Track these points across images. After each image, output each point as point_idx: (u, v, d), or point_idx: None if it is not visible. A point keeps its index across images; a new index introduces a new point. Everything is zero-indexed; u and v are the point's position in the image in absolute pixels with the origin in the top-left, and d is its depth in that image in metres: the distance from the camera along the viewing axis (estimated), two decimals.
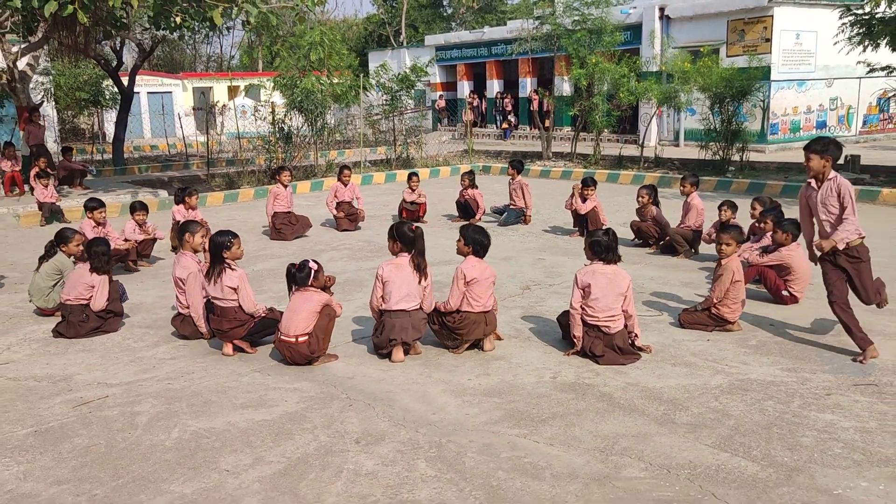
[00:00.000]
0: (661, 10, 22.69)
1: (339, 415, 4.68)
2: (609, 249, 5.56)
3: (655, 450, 4.12)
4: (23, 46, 14.61)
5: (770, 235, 7.22)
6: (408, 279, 5.66)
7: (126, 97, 20.65)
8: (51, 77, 22.75)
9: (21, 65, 14.88)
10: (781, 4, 20.31)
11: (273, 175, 12.56)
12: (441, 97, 32.20)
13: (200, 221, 7.90)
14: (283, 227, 10.59)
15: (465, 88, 31.62)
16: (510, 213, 11.25)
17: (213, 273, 5.79)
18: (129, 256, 8.72)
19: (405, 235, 5.75)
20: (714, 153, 16.23)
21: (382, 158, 19.82)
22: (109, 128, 25.88)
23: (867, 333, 5.42)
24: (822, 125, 22.14)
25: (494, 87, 30.56)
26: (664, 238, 9.09)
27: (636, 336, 5.61)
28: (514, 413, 4.65)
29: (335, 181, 11.54)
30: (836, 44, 14.71)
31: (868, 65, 14.23)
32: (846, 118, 22.65)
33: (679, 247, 8.84)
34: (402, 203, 11.71)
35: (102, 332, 6.43)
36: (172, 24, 12.43)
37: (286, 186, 10.78)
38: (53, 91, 22.92)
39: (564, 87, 25.08)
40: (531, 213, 11.35)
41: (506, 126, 28.49)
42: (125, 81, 20.77)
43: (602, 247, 5.56)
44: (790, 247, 6.84)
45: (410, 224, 5.93)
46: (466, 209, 11.51)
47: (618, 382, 5.09)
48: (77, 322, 6.35)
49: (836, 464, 3.94)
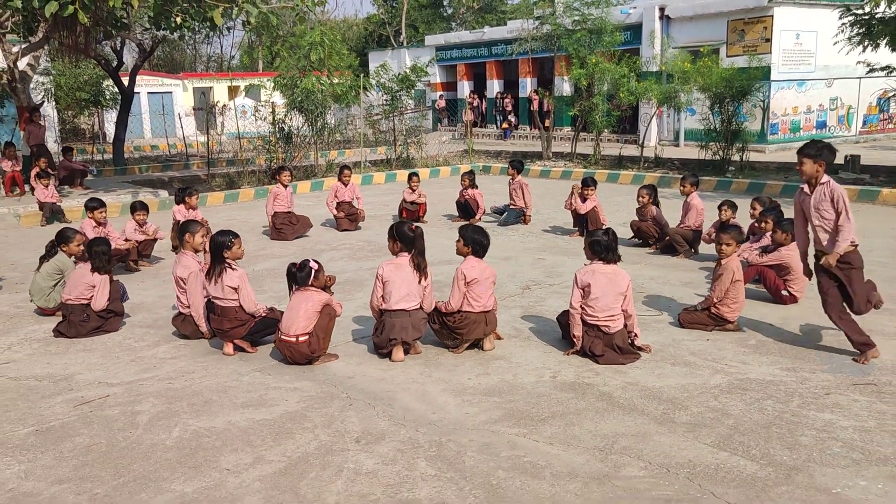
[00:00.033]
0: (661, 10, 22.71)
1: (340, 414, 4.69)
2: (609, 249, 5.57)
3: (655, 449, 4.14)
4: (23, 46, 14.63)
5: (770, 235, 7.24)
6: (408, 279, 5.67)
7: (126, 97, 20.67)
8: (51, 77, 22.77)
9: (21, 65, 14.90)
10: (781, 4, 20.32)
11: (273, 175, 12.57)
12: (441, 97, 32.21)
13: (201, 221, 7.92)
14: (284, 227, 10.60)
15: (466, 88, 31.64)
16: (510, 213, 11.26)
17: (214, 273, 5.81)
18: (130, 256, 8.75)
19: (405, 235, 5.76)
20: (714, 153, 16.24)
21: (383, 158, 19.83)
22: (110, 128, 25.90)
23: (868, 335, 5.41)
24: (823, 125, 22.15)
25: (494, 87, 30.58)
26: (664, 238, 9.10)
27: (636, 335, 5.63)
28: (514, 412, 4.66)
29: (335, 181, 11.56)
30: (836, 44, 14.72)
31: (868, 65, 14.25)
32: (846, 118, 22.66)
33: (679, 247, 8.85)
34: (403, 203, 11.73)
35: (103, 332, 6.45)
36: (173, 25, 12.44)
37: (286, 186, 10.79)
38: (54, 91, 22.93)
39: (564, 87, 25.09)
40: (531, 213, 11.36)
41: (506, 126, 28.50)
42: (125, 81, 20.80)
43: (602, 246, 5.57)
44: (790, 247, 6.84)
45: (410, 224, 5.94)
46: (466, 209, 11.52)
47: (617, 382, 5.10)
48: (78, 322, 6.36)
49: (835, 463, 3.95)
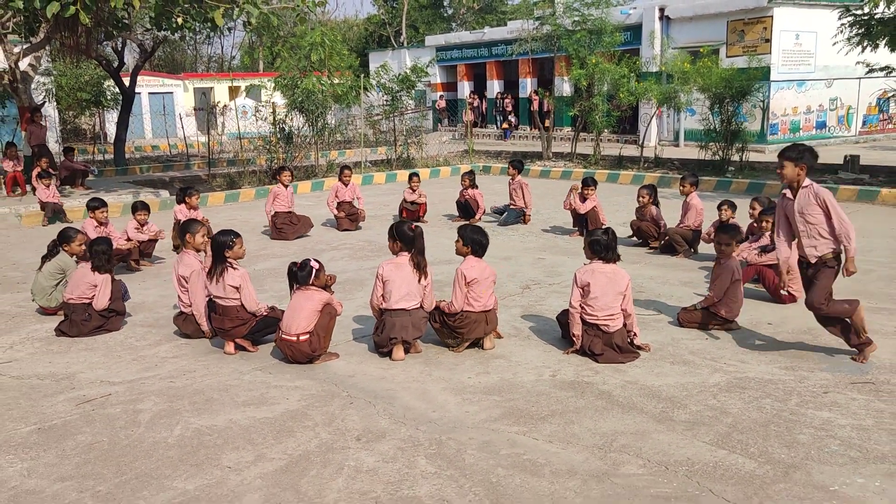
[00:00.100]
0: (661, 11, 22.74)
1: (340, 412, 4.72)
2: (608, 248, 5.59)
3: (654, 447, 4.16)
4: (25, 47, 14.67)
5: (769, 235, 7.26)
6: (408, 278, 5.69)
7: (127, 98, 20.71)
8: (52, 77, 22.80)
9: (23, 65, 14.93)
10: (781, 5, 20.35)
11: (274, 175, 12.60)
12: (441, 97, 32.24)
13: (202, 220, 7.94)
14: (285, 227, 10.63)
15: (466, 89, 31.67)
16: (510, 213, 11.28)
17: (216, 272, 5.83)
18: (132, 256, 8.77)
19: (405, 235, 5.78)
20: (714, 153, 16.27)
21: (383, 159, 19.85)
22: (111, 128, 25.95)
23: (871, 346, 5.38)
24: (822, 125, 22.18)
25: (495, 88, 30.61)
26: (664, 238, 9.13)
27: (635, 335, 5.65)
28: (514, 411, 4.68)
29: (336, 181, 11.59)
30: (836, 44, 14.74)
31: (867, 65, 14.27)
32: (846, 118, 22.69)
33: (678, 246, 8.88)
34: (403, 203, 11.75)
35: (105, 331, 6.47)
36: (174, 25, 12.46)
37: (287, 186, 10.82)
38: (55, 91, 22.97)
39: (564, 88, 25.12)
40: (531, 213, 11.38)
41: (506, 126, 28.53)
42: (126, 82, 20.85)
43: (601, 246, 5.59)
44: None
45: (410, 223, 5.96)
46: (467, 209, 11.55)
47: (617, 380, 5.13)
48: (80, 321, 6.38)
49: (833, 461, 3.97)
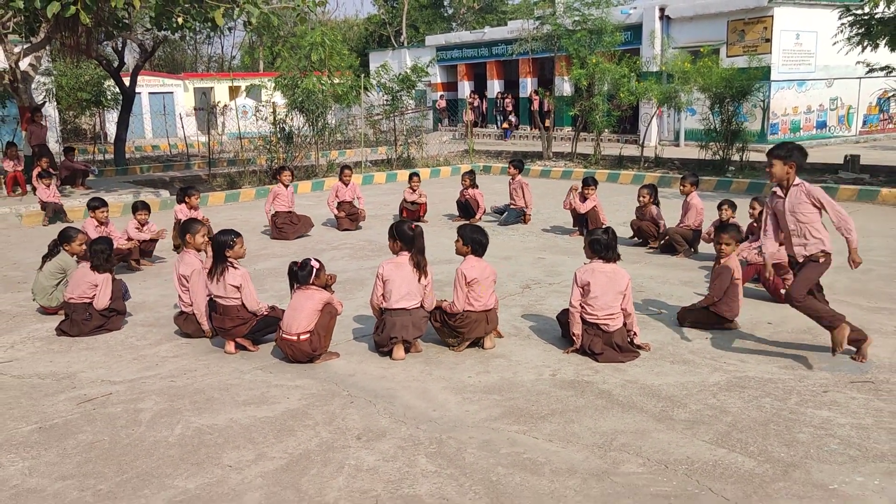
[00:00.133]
0: (662, 11, 22.76)
1: (341, 411, 4.73)
2: (608, 248, 5.60)
3: (653, 446, 4.17)
4: (25, 47, 14.68)
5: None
6: (408, 278, 5.70)
7: (127, 97, 20.72)
8: (53, 77, 22.82)
9: (23, 65, 14.94)
10: (781, 5, 20.36)
11: (274, 175, 12.61)
12: (442, 97, 32.26)
13: (202, 220, 7.95)
14: (285, 227, 10.64)
15: (466, 88, 31.69)
16: (510, 213, 11.29)
17: (216, 271, 5.84)
18: (132, 256, 8.79)
19: (405, 234, 5.79)
20: (714, 153, 16.28)
21: (383, 158, 19.86)
22: (111, 128, 25.96)
23: (863, 332, 5.39)
24: (823, 125, 22.19)
25: (495, 88, 30.62)
26: (664, 237, 9.14)
27: (635, 334, 5.65)
28: (514, 410, 4.69)
29: (336, 181, 11.61)
30: (836, 44, 14.75)
31: (867, 65, 14.27)
32: (846, 118, 22.70)
33: (678, 246, 8.89)
34: (403, 203, 11.76)
35: (105, 331, 6.48)
36: (174, 25, 12.47)
37: (287, 186, 10.84)
38: (55, 91, 22.99)
39: (565, 88, 25.14)
40: (531, 213, 11.39)
41: (506, 126, 28.54)
42: (127, 82, 20.87)
43: (602, 245, 5.60)
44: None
45: (410, 223, 5.97)
46: (467, 209, 11.56)
47: (616, 380, 5.14)
48: (80, 320, 6.39)
49: (832, 459, 3.98)
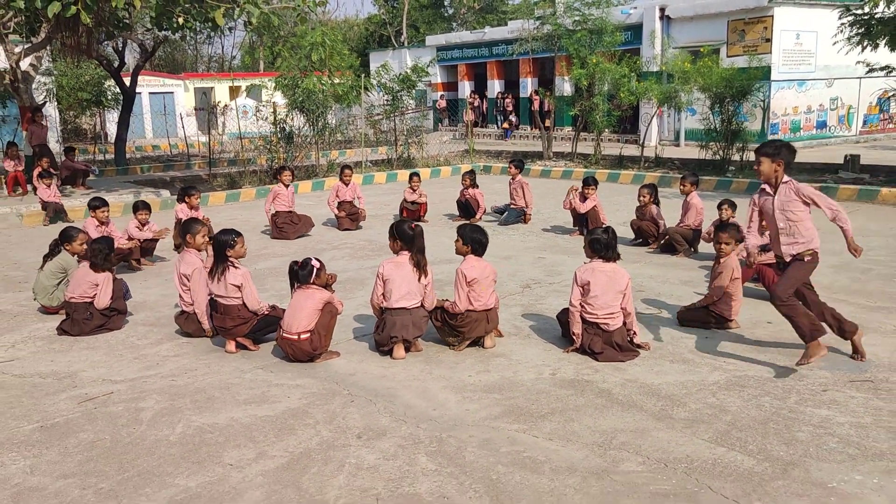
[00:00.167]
0: (662, 11, 22.76)
1: (341, 410, 4.74)
2: (608, 247, 5.61)
3: (653, 444, 4.18)
4: (26, 47, 14.70)
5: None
6: (408, 277, 5.71)
7: (128, 97, 20.74)
8: (53, 77, 22.84)
9: (24, 65, 14.96)
10: (781, 4, 20.36)
11: (275, 175, 12.63)
12: (442, 97, 32.26)
13: (203, 219, 7.96)
14: (286, 227, 10.65)
15: (466, 88, 31.69)
16: (510, 213, 11.30)
17: (217, 271, 5.85)
18: (133, 255, 8.80)
19: (405, 233, 5.80)
20: (714, 153, 16.29)
21: (384, 158, 19.87)
22: (111, 128, 25.98)
23: (857, 333, 5.35)
24: (823, 125, 22.20)
25: (495, 88, 30.63)
26: (664, 237, 9.15)
27: (635, 333, 5.66)
28: (514, 409, 4.70)
29: (337, 181, 11.62)
30: (836, 44, 14.76)
31: (867, 65, 14.28)
32: (846, 118, 22.70)
33: (678, 245, 8.90)
34: (403, 202, 11.77)
35: (106, 330, 6.49)
36: (175, 25, 12.49)
37: (287, 186, 10.85)
38: (56, 91, 23.00)
39: (565, 87, 25.14)
40: (531, 212, 11.40)
41: (506, 126, 28.55)
42: (127, 82, 20.89)
43: (601, 245, 5.61)
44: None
45: (410, 222, 5.97)
46: (467, 208, 11.57)
47: (616, 379, 5.15)
48: (81, 320, 6.41)
49: (831, 458, 3.99)
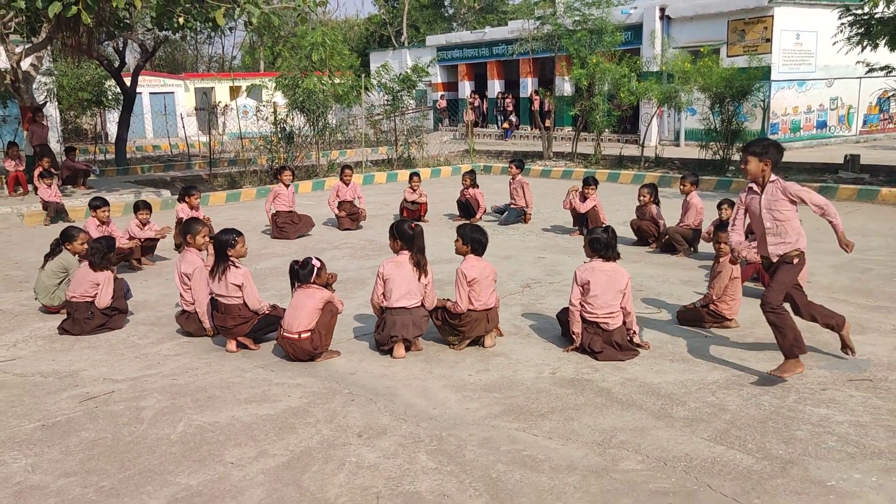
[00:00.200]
0: (662, 11, 22.77)
1: (342, 409, 4.75)
2: (608, 247, 5.62)
3: (652, 443, 4.19)
4: (26, 47, 14.71)
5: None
6: (408, 277, 5.73)
7: (128, 97, 20.76)
8: (54, 77, 22.85)
9: (25, 65, 14.98)
10: (782, 4, 20.38)
11: (275, 175, 12.65)
12: (442, 97, 32.27)
13: (204, 219, 7.97)
14: (286, 226, 10.67)
15: (467, 88, 31.70)
16: (511, 213, 11.31)
17: (218, 270, 5.87)
18: (134, 255, 8.81)
19: (405, 233, 5.82)
20: (714, 153, 16.30)
21: (384, 158, 19.89)
22: (112, 128, 25.99)
23: (845, 328, 5.29)
24: (823, 125, 22.21)
25: (495, 88, 30.64)
26: (663, 237, 9.16)
27: (634, 332, 5.68)
28: (514, 408, 4.72)
29: (337, 181, 11.64)
30: (836, 44, 14.77)
31: (867, 65, 14.29)
32: (846, 118, 22.71)
33: (678, 245, 8.91)
34: (404, 202, 11.79)
35: (107, 329, 6.51)
36: (175, 25, 12.50)
37: (288, 186, 10.87)
38: (56, 91, 23.02)
39: (565, 87, 25.16)
40: (532, 212, 11.41)
41: (507, 126, 28.56)
42: (128, 82, 20.91)
43: (601, 244, 5.62)
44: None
45: (410, 222, 5.99)
46: (467, 208, 11.58)
47: (616, 378, 5.16)
48: (82, 319, 6.42)
49: (830, 456, 4.00)
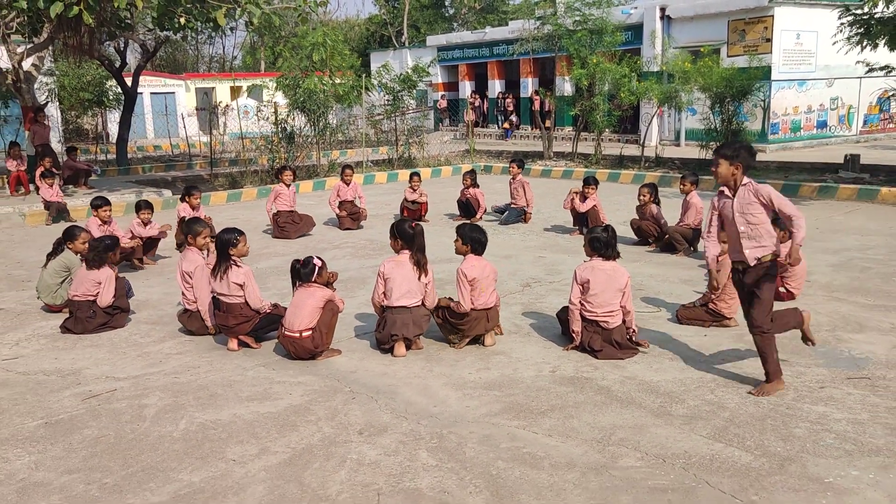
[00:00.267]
0: (662, 11, 22.77)
1: (343, 407, 4.78)
2: (608, 246, 5.65)
3: (651, 440, 4.22)
4: (28, 47, 14.74)
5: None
6: (408, 276, 5.76)
7: (129, 98, 20.79)
8: (55, 77, 22.87)
9: (26, 65, 15.01)
10: (782, 4, 20.38)
11: (276, 175, 12.68)
12: (443, 97, 32.28)
13: (205, 219, 8.00)
14: (287, 226, 10.70)
15: (467, 88, 31.71)
16: (511, 212, 11.34)
17: (220, 270, 5.90)
18: (136, 254, 8.84)
19: (405, 233, 5.85)
20: None
21: (384, 158, 19.91)
22: (113, 128, 26.00)
23: (805, 322, 5.20)
24: (823, 125, 22.21)
25: (496, 88, 30.64)
26: (663, 236, 9.18)
27: (634, 331, 5.70)
28: (514, 405, 4.75)
29: (338, 180, 11.66)
30: (836, 44, 14.78)
31: (867, 64, 14.30)
32: (847, 118, 22.72)
33: (678, 245, 8.93)
34: (404, 202, 11.81)
35: (110, 328, 6.54)
36: (176, 25, 12.51)
37: (289, 186, 10.90)
38: (58, 91, 23.05)
39: (566, 87, 25.16)
40: (532, 211, 11.43)
41: (507, 126, 28.58)
42: (129, 82, 20.93)
43: (601, 243, 5.65)
44: (787, 244, 6.90)
45: (410, 222, 6.02)
46: (468, 208, 11.61)
47: (616, 376, 5.19)
48: (84, 318, 6.45)
49: (828, 453, 4.03)
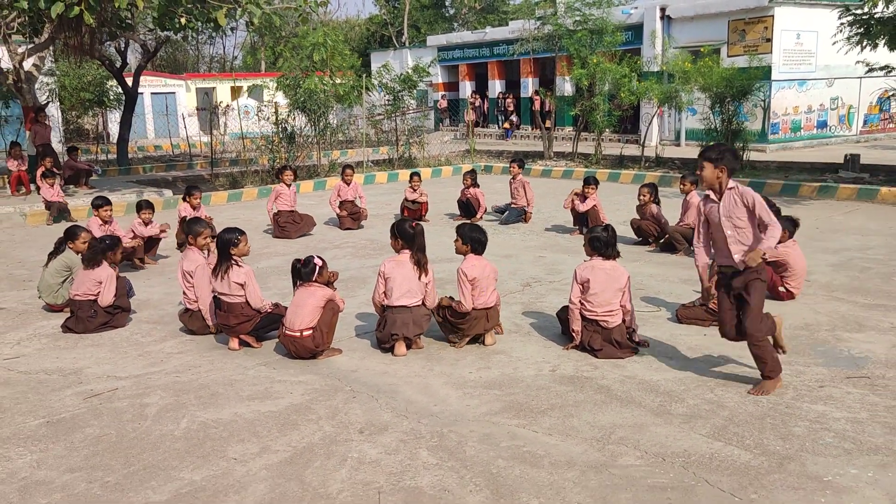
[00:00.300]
0: (662, 11, 22.77)
1: (344, 406, 4.80)
2: (608, 245, 5.66)
3: (651, 439, 4.23)
4: (29, 47, 14.75)
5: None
6: (409, 276, 5.77)
7: (130, 98, 20.80)
8: (56, 78, 22.91)
9: (27, 65, 15.02)
10: (782, 4, 20.39)
11: (276, 175, 12.70)
12: (443, 97, 32.30)
13: (206, 219, 8.02)
14: (287, 226, 10.71)
15: (467, 88, 31.73)
16: (511, 212, 11.35)
17: (221, 269, 5.91)
18: (136, 254, 8.86)
19: (405, 232, 5.87)
20: None
21: (385, 158, 19.93)
22: (114, 128, 26.05)
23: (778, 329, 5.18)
24: (823, 125, 22.22)
25: (496, 88, 30.65)
26: (663, 236, 9.20)
27: (634, 331, 5.71)
28: (514, 404, 4.76)
29: (338, 180, 11.68)
30: (836, 44, 14.79)
31: (867, 64, 14.30)
32: (847, 118, 22.72)
33: (678, 244, 8.94)
34: (404, 202, 11.83)
35: (111, 328, 6.56)
36: (177, 25, 12.54)
37: (289, 185, 10.91)
38: (58, 91, 23.07)
39: (566, 87, 25.18)
40: (532, 211, 11.45)
41: (507, 126, 28.59)
42: (129, 82, 20.95)
43: (601, 242, 5.66)
44: (787, 244, 6.93)
45: (411, 221, 6.04)
46: (468, 208, 11.62)
47: (615, 375, 5.20)
48: (86, 317, 6.47)
49: (827, 452, 4.04)
